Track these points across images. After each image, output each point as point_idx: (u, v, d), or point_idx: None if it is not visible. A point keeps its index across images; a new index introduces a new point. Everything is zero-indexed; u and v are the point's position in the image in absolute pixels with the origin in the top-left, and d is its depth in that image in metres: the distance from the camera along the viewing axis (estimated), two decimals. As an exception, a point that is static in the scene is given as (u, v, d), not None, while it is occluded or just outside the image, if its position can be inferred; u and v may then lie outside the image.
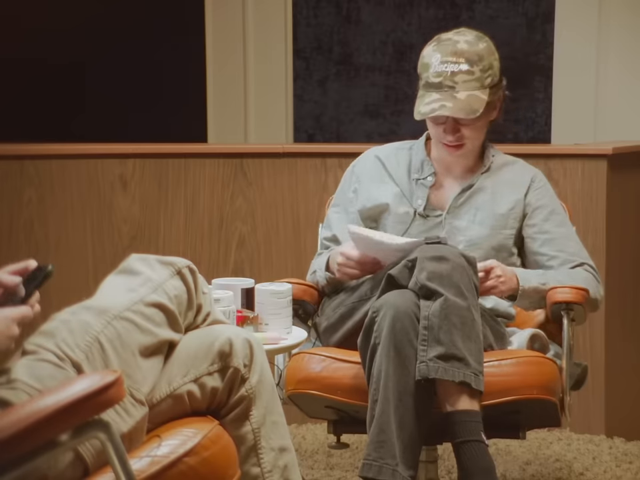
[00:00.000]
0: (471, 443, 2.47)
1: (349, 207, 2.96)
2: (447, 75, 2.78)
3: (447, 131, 2.83)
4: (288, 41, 5.31)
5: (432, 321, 2.51)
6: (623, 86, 4.88)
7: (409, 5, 5.29)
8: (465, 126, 2.83)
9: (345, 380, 2.68)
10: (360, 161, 3.04)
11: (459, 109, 2.77)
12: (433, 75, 2.80)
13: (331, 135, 5.45)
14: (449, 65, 2.79)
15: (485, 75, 2.80)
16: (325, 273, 2.88)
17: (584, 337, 3.76)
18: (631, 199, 3.92)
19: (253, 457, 2.06)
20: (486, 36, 2.87)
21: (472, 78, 2.79)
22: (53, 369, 1.82)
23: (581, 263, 2.88)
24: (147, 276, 2.01)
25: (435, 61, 2.80)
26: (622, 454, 3.58)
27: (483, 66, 2.80)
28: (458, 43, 2.81)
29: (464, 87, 2.78)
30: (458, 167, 2.93)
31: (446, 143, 2.86)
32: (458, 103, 2.77)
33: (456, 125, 2.82)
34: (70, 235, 3.94)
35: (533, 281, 2.78)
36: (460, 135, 2.84)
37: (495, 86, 2.84)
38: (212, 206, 3.94)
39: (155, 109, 5.39)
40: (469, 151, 2.89)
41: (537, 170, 3.00)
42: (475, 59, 2.79)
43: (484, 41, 2.84)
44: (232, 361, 2.03)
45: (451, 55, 2.79)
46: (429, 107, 2.79)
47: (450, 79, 2.78)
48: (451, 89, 2.78)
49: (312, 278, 2.95)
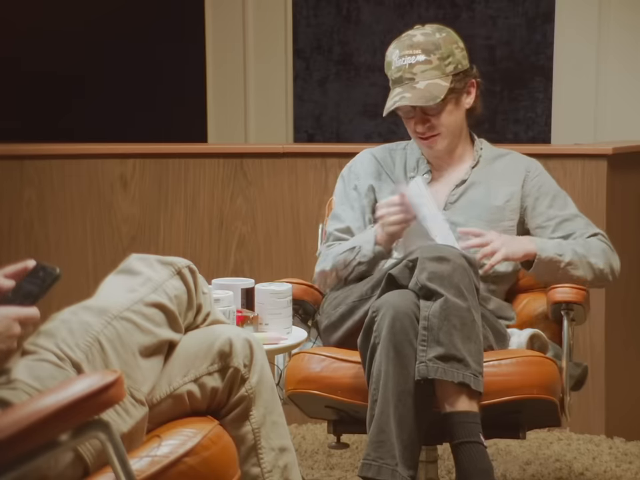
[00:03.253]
0: (469, 444, 2.46)
1: (354, 202, 2.96)
2: (405, 67, 2.83)
3: (417, 122, 2.86)
4: (288, 41, 5.31)
5: (432, 322, 2.51)
6: (622, 86, 4.88)
7: (409, 4, 5.30)
8: (433, 115, 2.85)
9: (345, 380, 2.68)
10: (356, 160, 3.04)
11: (417, 97, 2.80)
12: (394, 71, 2.85)
13: (330, 134, 5.45)
14: (406, 58, 2.83)
15: (445, 63, 2.83)
16: (374, 246, 2.79)
17: (584, 336, 3.76)
18: (631, 199, 3.92)
19: (252, 456, 2.06)
20: (447, 28, 2.90)
21: (430, 67, 2.82)
22: (53, 369, 1.82)
23: (594, 233, 2.89)
24: (147, 276, 2.01)
25: (395, 57, 2.85)
26: (622, 454, 3.58)
27: (441, 54, 2.83)
28: (414, 36, 2.85)
29: (423, 76, 2.82)
30: (444, 162, 2.94)
31: (420, 136, 2.88)
32: (417, 92, 2.80)
33: (424, 116, 2.86)
34: (70, 235, 3.94)
35: (550, 250, 2.78)
36: (430, 124, 2.86)
37: (459, 73, 2.86)
38: (212, 206, 3.94)
39: (155, 109, 5.40)
40: (448, 142, 2.90)
41: (531, 159, 3.00)
42: (432, 48, 2.83)
43: (443, 32, 2.87)
44: (232, 361, 2.03)
45: (408, 48, 2.83)
46: (390, 101, 2.84)
47: (409, 71, 2.82)
48: (410, 81, 2.82)
49: (345, 256, 2.82)
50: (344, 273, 2.85)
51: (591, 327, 3.74)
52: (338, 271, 2.86)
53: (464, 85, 2.88)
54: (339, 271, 2.86)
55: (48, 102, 5.35)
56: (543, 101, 5.16)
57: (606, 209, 3.75)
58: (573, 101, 4.96)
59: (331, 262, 2.88)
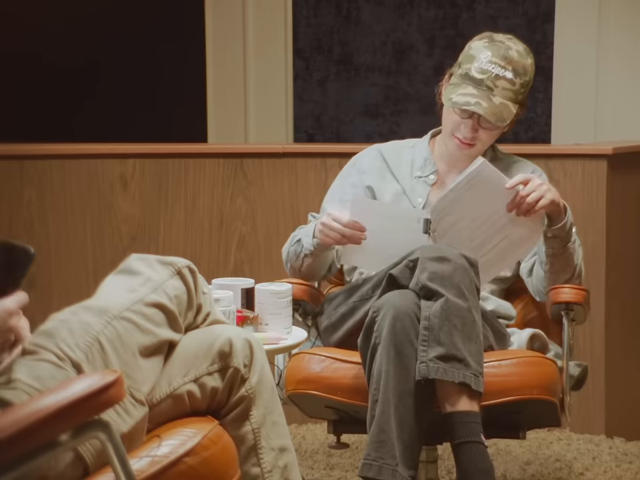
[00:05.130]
0: (470, 444, 2.46)
1: (344, 196, 2.96)
2: (491, 75, 2.79)
3: (467, 126, 2.83)
4: (288, 41, 5.31)
5: (432, 322, 2.51)
6: (622, 86, 4.88)
7: (408, 4, 5.29)
8: (485, 129, 2.83)
9: (345, 380, 2.68)
10: (362, 155, 3.03)
11: (492, 112, 2.78)
12: (477, 70, 2.80)
13: (330, 135, 5.45)
14: (496, 67, 2.80)
15: (522, 90, 2.82)
16: (312, 239, 2.81)
17: (584, 336, 3.76)
18: (631, 199, 3.92)
19: (252, 456, 2.06)
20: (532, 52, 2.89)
21: (512, 88, 2.80)
22: (53, 369, 1.82)
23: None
24: (147, 276, 2.01)
25: (484, 57, 2.81)
26: (622, 454, 3.58)
27: (524, 81, 2.82)
28: (510, 49, 2.82)
29: (501, 93, 2.79)
30: (461, 164, 2.92)
31: (460, 138, 2.85)
32: (492, 107, 2.78)
33: (477, 125, 2.82)
34: (70, 235, 3.94)
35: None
36: (476, 135, 2.84)
37: (523, 103, 2.85)
38: (212, 206, 3.94)
39: (155, 109, 5.40)
40: (478, 152, 2.89)
41: (535, 166, 3.00)
42: (521, 71, 2.81)
43: (530, 57, 2.86)
44: (232, 361, 2.03)
45: (501, 58, 2.80)
46: (464, 98, 2.79)
47: (492, 80, 2.79)
48: (488, 90, 2.78)
49: (295, 248, 2.87)
50: (297, 265, 2.89)
51: (591, 327, 3.74)
52: (291, 263, 2.91)
53: (520, 114, 2.87)
54: (292, 263, 2.90)
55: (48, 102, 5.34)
56: (543, 101, 5.16)
57: (606, 209, 3.75)
58: (573, 101, 4.96)
59: (285, 252, 2.93)
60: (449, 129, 2.88)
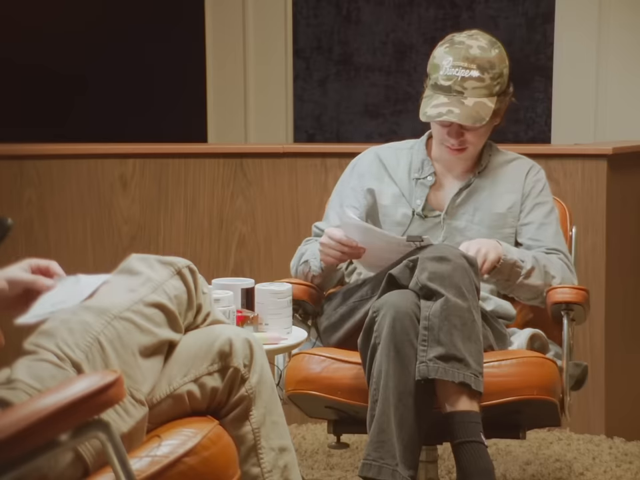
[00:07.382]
0: (470, 443, 2.47)
1: (345, 201, 2.96)
2: (457, 79, 2.77)
3: (451, 134, 2.82)
4: (288, 41, 5.31)
5: (432, 322, 2.51)
6: (622, 86, 4.88)
7: (408, 5, 5.29)
8: (469, 132, 2.82)
9: (345, 380, 2.68)
10: (360, 159, 3.03)
11: (466, 116, 2.76)
12: (443, 78, 2.79)
13: (331, 134, 5.45)
14: (459, 69, 2.77)
15: (495, 83, 2.80)
16: (320, 262, 2.83)
17: (584, 336, 3.76)
18: (630, 199, 3.92)
19: (252, 456, 2.06)
20: (498, 41, 2.86)
21: (482, 85, 2.78)
22: (53, 369, 1.82)
23: (556, 250, 2.87)
24: (147, 276, 2.01)
25: (447, 63, 2.79)
26: (622, 454, 3.58)
27: (494, 74, 2.79)
28: (471, 47, 2.79)
29: (472, 93, 2.77)
30: (458, 167, 2.93)
31: (448, 146, 2.85)
32: (465, 110, 2.76)
33: (460, 130, 2.81)
34: (70, 234, 3.94)
35: (515, 254, 2.77)
36: (463, 139, 2.83)
37: (502, 93, 2.83)
38: (212, 206, 3.94)
39: (154, 108, 5.39)
40: (472, 154, 2.89)
41: (533, 162, 2.99)
42: (487, 66, 2.78)
43: (496, 47, 2.83)
44: (232, 361, 2.03)
45: (463, 59, 2.78)
46: (436, 110, 2.78)
47: (460, 84, 2.77)
48: (459, 94, 2.77)
49: (302, 268, 2.89)
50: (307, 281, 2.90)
51: (591, 327, 3.74)
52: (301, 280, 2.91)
53: (504, 106, 2.85)
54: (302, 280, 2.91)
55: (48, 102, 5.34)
56: (543, 101, 5.16)
57: (606, 209, 3.75)
58: (573, 101, 4.96)
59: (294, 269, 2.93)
60: (437, 139, 2.89)
